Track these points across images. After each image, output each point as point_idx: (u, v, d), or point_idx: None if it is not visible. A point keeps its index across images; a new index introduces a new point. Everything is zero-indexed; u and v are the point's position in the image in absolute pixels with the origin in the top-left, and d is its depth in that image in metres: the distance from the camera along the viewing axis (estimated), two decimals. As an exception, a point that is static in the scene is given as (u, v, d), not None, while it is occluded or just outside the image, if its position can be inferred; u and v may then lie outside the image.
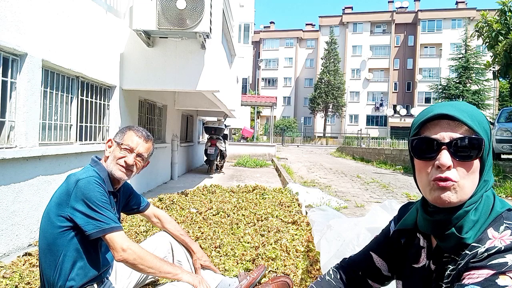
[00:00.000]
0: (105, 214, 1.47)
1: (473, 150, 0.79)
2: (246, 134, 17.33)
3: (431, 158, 0.81)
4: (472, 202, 0.81)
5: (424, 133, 0.84)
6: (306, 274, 2.33)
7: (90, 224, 1.44)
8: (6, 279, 2.15)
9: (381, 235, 1.12)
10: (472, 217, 0.80)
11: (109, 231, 1.46)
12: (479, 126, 0.80)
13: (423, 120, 0.83)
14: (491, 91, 29.69)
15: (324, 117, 41.13)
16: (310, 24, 49.59)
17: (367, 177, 8.69)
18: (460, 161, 0.79)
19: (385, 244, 1.08)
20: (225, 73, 5.68)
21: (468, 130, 0.79)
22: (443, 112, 0.80)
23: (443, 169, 0.79)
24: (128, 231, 3.06)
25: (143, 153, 1.66)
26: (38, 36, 2.99)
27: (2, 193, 2.64)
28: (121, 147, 1.62)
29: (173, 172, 7.41)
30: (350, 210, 4.50)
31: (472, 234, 0.80)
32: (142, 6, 3.91)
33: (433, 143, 0.81)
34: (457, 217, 0.80)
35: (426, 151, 0.82)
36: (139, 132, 1.68)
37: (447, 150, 0.79)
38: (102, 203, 1.48)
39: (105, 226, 1.45)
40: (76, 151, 3.63)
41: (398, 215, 1.10)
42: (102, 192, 1.50)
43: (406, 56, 41.92)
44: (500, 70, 8.38)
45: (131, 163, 1.62)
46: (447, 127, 0.80)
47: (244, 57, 11.42)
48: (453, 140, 0.79)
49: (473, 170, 0.80)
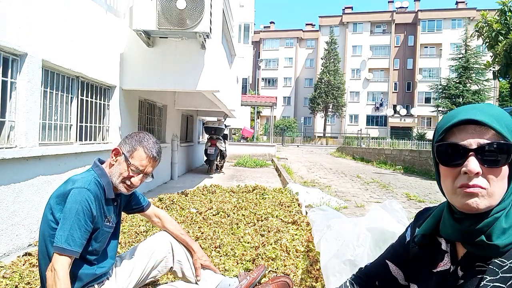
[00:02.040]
0: (73, 233, 1.39)
1: (501, 155, 0.75)
2: (246, 134, 17.33)
3: (458, 165, 0.78)
4: (501, 208, 0.78)
5: (449, 138, 0.80)
6: (306, 274, 2.33)
7: (58, 236, 1.39)
8: (6, 279, 2.15)
9: (397, 243, 1.08)
10: (504, 224, 0.77)
11: (58, 250, 1.38)
12: (507, 131, 0.77)
13: (449, 125, 0.80)
14: (491, 91, 29.69)
15: (324, 117, 41.13)
16: (310, 24, 49.60)
17: (367, 177, 8.69)
18: (489, 168, 0.76)
19: (401, 251, 1.04)
20: (225, 73, 5.67)
21: (495, 135, 0.76)
22: (470, 118, 0.77)
23: (471, 176, 0.76)
24: (128, 231, 3.06)
25: (151, 171, 1.62)
26: (38, 36, 2.98)
27: (2, 193, 2.64)
28: (129, 166, 1.56)
29: (173, 172, 7.41)
30: (350, 210, 4.50)
31: (505, 242, 0.76)
32: (142, 6, 3.90)
33: (460, 149, 0.77)
34: (486, 224, 0.77)
35: (452, 158, 0.79)
36: (149, 150, 1.58)
37: (474, 157, 0.76)
38: (78, 221, 1.41)
39: (58, 244, 1.38)
40: (76, 151, 3.63)
41: (414, 221, 1.06)
42: (87, 210, 1.44)
43: (406, 56, 41.92)
44: (500, 70, 8.38)
45: (137, 185, 1.59)
46: (474, 132, 0.77)
47: (244, 57, 11.42)
48: (481, 146, 0.76)
49: (502, 176, 0.77)
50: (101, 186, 1.55)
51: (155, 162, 1.61)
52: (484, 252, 0.79)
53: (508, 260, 0.76)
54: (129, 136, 1.62)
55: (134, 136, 1.61)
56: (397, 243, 1.08)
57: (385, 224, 2.06)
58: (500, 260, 0.77)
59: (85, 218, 1.43)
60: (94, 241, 1.55)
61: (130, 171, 1.56)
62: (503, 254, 0.77)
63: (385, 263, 1.06)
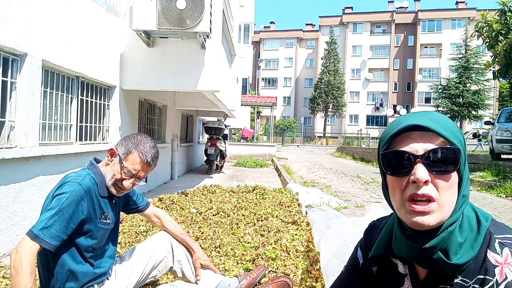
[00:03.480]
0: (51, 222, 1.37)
1: (450, 161, 0.72)
2: (246, 134, 17.33)
3: (405, 173, 0.74)
4: (453, 220, 0.74)
5: (395, 147, 0.76)
6: (306, 274, 2.33)
7: (38, 222, 1.38)
8: (6, 279, 2.15)
9: (349, 268, 1.01)
10: (459, 238, 0.74)
11: (30, 236, 1.36)
12: (454, 136, 0.74)
13: (393, 133, 0.76)
14: (491, 91, 29.72)
15: (324, 117, 41.13)
16: (310, 24, 49.59)
17: (367, 177, 8.69)
18: (437, 175, 0.72)
19: (355, 277, 0.97)
20: (225, 73, 5.67)
21: (442, 141, 0.73)
22: (414, 123, 0.74)
23: (419, 185, 0.72)
24: (128, 231, 3.06)
25: (144, 176, 1.61)
26: (38, 36, 2.98)
27: (2, 193, 2.64)
28: (122, 168, 1.55)
29: (173, 172, 7.41)
30: (350, 210, 4.50)
31: (464, 258, 0.73)
32: (142, 6, 3.90)
33: (406, 157, 0.74)
34: (441, 239, 0.73)
35: (399, 166, 0.75)
36: (144, 155, 1.55)
37: (422, 163, 0.72)
38: (61, 214, 1.39)
39: (34, 229, 1.36)
40: (76, 151, 3.63)
41: (364, 239, 0.99)
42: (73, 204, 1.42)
43: (406, 56, 41.93)
44: (500, 70, 8.38)
45: (129, 188, 1.58)
46: (419, 138, 0.74)
47: (244, 57, 11.42)
48: (427, 152, 0.72)
49: (452, 183, 0.73)
50: (95, 182, 1.55)
51: (149, 167, 1.59)
52: (445, 272, 0.75)
53: (471, 279, 0.74)
54: (127, 138, 1.61)
55: (131, 139, 1.60)
56: (349, 268, 1.01)
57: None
58: (462, 280, 0.75)
59: (69, 213, 1.41)
60: (89, 237, 1.54)
61: (123, 173, 1.54)
62: (463, 271, 0.74)
63: None
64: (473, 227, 0.76)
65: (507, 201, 5.50)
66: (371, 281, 0.93)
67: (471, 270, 0.74)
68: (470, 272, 0.74)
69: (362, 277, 0.95)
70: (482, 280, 0.73)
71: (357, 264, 0.98)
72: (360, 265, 0.97)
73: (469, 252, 0.74)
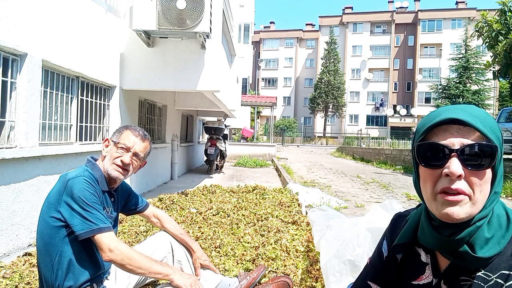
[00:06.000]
0: (94, 214, 1.45)
1: (485, 158, 0.71)
2: (246, 134, 17.31)
3: (439, 166, 0.73)
4: (483, 215, 0.74)
5: (431, 138, 0.76)
6: (306, 274, 2.33)
7: (79, 225, 1.43)
8: (6, 279, 2.15)
9: (375, 258, 1.02)
10: (486, 234, 0.74)
11: (97, 232, 1.44)
12: (492, 133, 0.73)
13: (430, 125, 0.75)
14: (491, 91, 29.70)
15: (324, 117, 41.12)
16: (310, 24, 49.58)
17: (367, 177, 8.69)
18: (472, 170, 0.71)
19: (382, 270, 0.98)
20: (225, 73, 5.67)
21: (480, 137, 0.72)
22: (453, 117, 0.73)
23: (452, 179, 0.71)
24: (128, 231, 3.06)
25: (140, 152, 1.65)
26: (38, 36, 2.98)
27: (2, 193, 2.64)
28: (117, 146, 1.62)
29: (173, 172, 7.41)
30: (350, 210, 4.50)
31: (490, 253, 0.73)
32: (142, 6, 3.90)
33: (442, 150, 0.73)
34: (468, 233, 0.73)
35: (434, 158, 0.74)
36: (136, 131, 1.67)
37: (457, 158, 0.71)
38: (92, 203, 1.46)
39: (94, 226, 1.44)
40: (76, 151, 3.63)
41: (390, 230, 1.00)
42: (92, 191, 1.49)
43: (406, 56, 41.92)
44: (500, 70, 8.38)
45: (128, 162, 1.61)
46: (457, 132, 0.73)
47: (244, 57, 11.41)
48: (464, 147, 0.71)
49: (485, 180, 0.72)
50: (94, 177, 1.57)
51: (142, 142, 1.66)
52: (468, 264, 0.75)
53: (493, 273, 0.73)
54: (118, 128, 1.73)
55: (121, 127, 1.72)
56: (375, 258, 1.02)
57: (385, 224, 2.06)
58: (484, 273, 0.74)
59: (96, 198, 1.50)
60: None
61: (120, 150, 1.62)
62: (487, 266, 0.74)
63: (367, 284, 0.99)
64: (502, 225, 0.76)
65: (507, 201, 5.50)
66: (395, 269, 0.94)
67: (495, 265, 0.74)
68: (494, 266, 0.74)
69: (387, 266, 0.97)
70: (507, 276, 0.72)
71: (382, 257, 0.99)
72: (384, 258, 0.98)
73: (495, 247, 0.74)
